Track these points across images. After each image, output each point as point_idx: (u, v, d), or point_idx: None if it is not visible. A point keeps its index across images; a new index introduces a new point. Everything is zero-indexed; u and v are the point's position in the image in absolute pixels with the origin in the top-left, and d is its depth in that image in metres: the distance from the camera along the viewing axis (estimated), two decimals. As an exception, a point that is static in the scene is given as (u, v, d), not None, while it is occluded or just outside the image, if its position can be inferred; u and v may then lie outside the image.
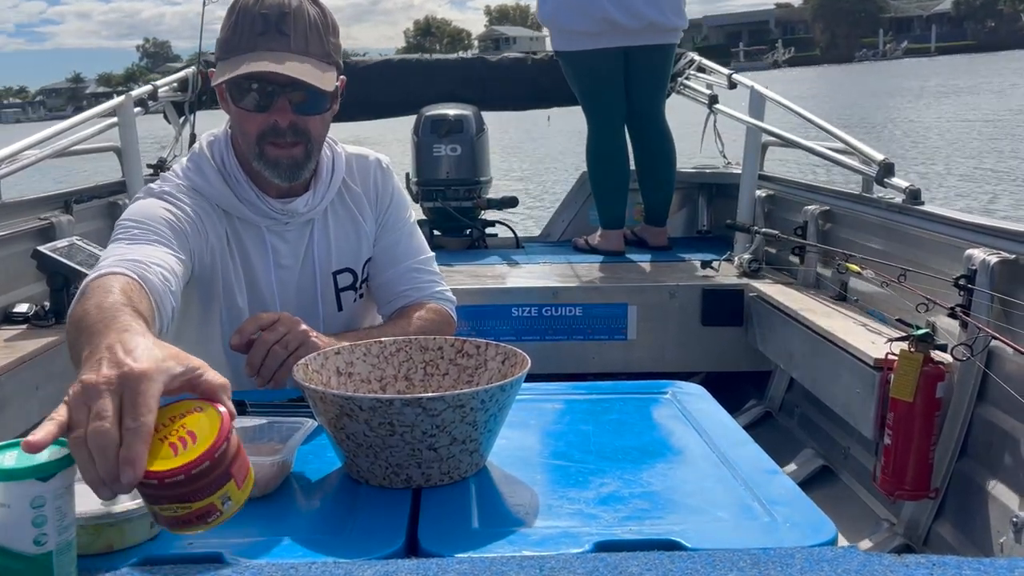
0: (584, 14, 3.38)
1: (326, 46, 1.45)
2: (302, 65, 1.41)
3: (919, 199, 2.45)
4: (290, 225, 1.59)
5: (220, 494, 0.76)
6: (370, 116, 4.34)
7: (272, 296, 1.59)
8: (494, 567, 0.84)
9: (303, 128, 1.46)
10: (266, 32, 1.40)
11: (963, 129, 17.28)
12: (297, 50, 1.41)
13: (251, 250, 1.58)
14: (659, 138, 3.58)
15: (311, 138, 1.47)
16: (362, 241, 1.67)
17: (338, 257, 1.64)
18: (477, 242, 3.87)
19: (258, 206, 1.55)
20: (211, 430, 0.76)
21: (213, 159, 1.56)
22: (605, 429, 1.30)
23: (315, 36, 1.43)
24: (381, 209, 1.68)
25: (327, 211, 1.62)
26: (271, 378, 1.35)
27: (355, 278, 1.67)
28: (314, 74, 1.41)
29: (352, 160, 1.67)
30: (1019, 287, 1.94)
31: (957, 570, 0.82)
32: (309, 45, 1.42)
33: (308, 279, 1.62)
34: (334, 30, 1.49)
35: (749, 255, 3.12)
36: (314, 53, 1.43)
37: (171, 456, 0.75)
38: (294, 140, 1.46)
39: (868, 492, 2.36)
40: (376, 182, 1.68)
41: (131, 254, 1.30)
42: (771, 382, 3.06)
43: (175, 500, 0.74)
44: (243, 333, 1.35)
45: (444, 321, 1.67)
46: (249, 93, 1.44)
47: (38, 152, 2.86)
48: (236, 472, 0.77)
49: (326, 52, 1.45)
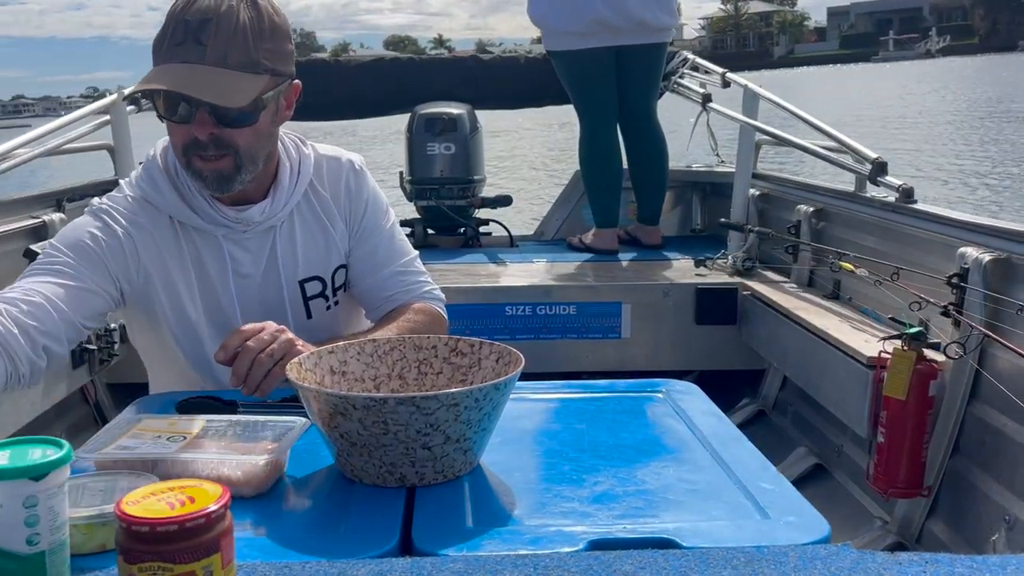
0: (574, 14, 3.38)
1: (253, 54, 1.37)
2: (214, 77, 1.34)
3: (912, 198, 2.45)
4: (249, 233, 1.55)
5: (204, 564, 0.75)
6: (364, 114, 4.33)
7: (231, 306, 1.55)
8: (488, 566, 0.84)
9: (227, 141, 1.40)
10: (183, 42, 1.35)
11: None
12: (213, 61, 1.34)
13: (207, 260, 1.54)
14: (652, 137, 3.58)
15: (238, 151, 1.41)
16: (331, 248, 1.62)
17: (305, 265, 1.60)
18: (471, 241, 3.86)
19: (211, 215, 1.51)
20: (210, 497, 0.77)
21: (166, 167, 1.53)
22: (599, 428, 1.30)
23: (239, 44, 1.35)
24: (355, 217, 1.63)
25: (293, 217, 1.58)
26: (257, 388, 1.34)
27: (324, 286, 1.62)
28: (226, 87, 1.34)
29: (323, 162, 1.62)
30: (1012, 285, 1.95)
31: (950, 568, 0.82)
32: (228, 55, 1.35)
33: (272, 288, 1.58)
34: (273, 34, 1.40)
35: (743, 254, 3.12)
36: (234, 63, 1.35)
37: (167, 511, 0.74)
38: (218, 153, 1.41)
39: (861, 490, 2.37)
40: (349, 186, 1.63)
41: (11, 292, 1.35)
42: (765, 381, 3.07)
43: (159, 558, 0.73)
44: (228, 349, 1.34)
45: (435, 320, 1.65)
46: (169, 105, 1.39)
47: (29, 151, 2.85)
48: (224, 548, 0.77)
49: (252, 61, 1.37)
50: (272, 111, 1.45)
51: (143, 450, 1.09)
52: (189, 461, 1.06)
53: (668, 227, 3.93)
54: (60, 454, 0.79)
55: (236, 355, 1.34)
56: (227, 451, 1.10)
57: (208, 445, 1.12)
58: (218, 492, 0.78)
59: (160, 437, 1.13)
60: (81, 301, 1.41)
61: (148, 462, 1.06)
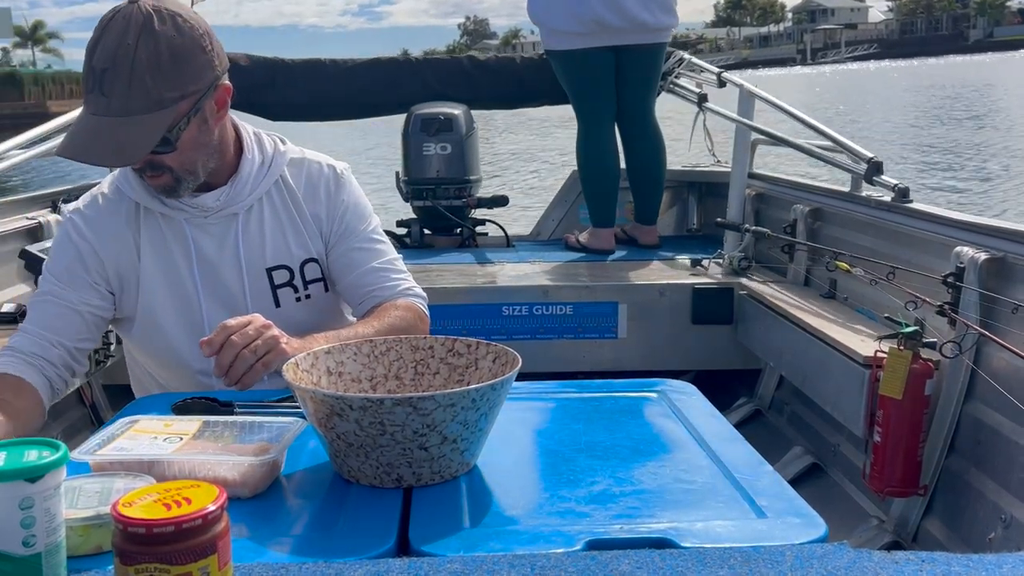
0: (573, 14, 3.38)
1: (154, 93, 1.40)
2: (117, 131, 1.41)
3: (907, 197, 2.46)
4: (212, 218, 1.63)
5: (201, 565, 0.75)
6: (360, 115, 4.33)
7: (195, 288, 1.63)
8: (485, 566, 0.84)
9: (158, 164, 1.50)
10: (92, 91, 1.42)
11: None
12: (116, 111, 1.40)
13: (172, 243, 1.63)
14: (649, 137, 3.58)
15: (172, 169, 1.51)
16: (299, 240, 1.68)
17: (273, 253, 1.66)
18: (467, 241, 3.86)
19: (171, 200, 1.61)
20: (207, 498, 0.77)
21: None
22: (596, 428, 1.30)
23: (137, 89, 1.39)
24: (333, 217, 1.70)
25: (262, 206, 1.66)
26: (238, 381, 1.38)
27: (292, 275, 1.67)
28: (123, 141, 1.41)
29: (303, 163, 1.71)
30: (1007, 285, 1.95)
31: (946, 566, 0.82)
32: (130, 103, 1.40)
33: (234, 273, 1.65)
34: (175, 62, 1.41)
35: (739, 253, 3.12)
36: (137, 108, 1.40)
37: (164, 512, 0.74)
38: (155, 174, 1.52)
39: (858, 489, 2.37)
40: (328, 188, 1.71)
41: (29, 334, 1.55)
42: (761, 380, 3.07)
43: (155, 559, 0.73)
44: (212, 344, 1.38)
45: (417, 317, 1.68)
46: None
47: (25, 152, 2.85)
48: (221, 550, 0.77)
49: (155, 100, 1.41)
50: (197, 125, 1.49)
51: (139, 451, 1.09)
52: (185, 462, 1.06)
53: (665, 227, 3.94)
54: (56, 455, 0.79)
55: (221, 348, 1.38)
56: (224, 452, 1.10)
57: (205, 446, 1.12)
58: (215, 493, 0.78)
59: (156, 438, 1.13)
60: (72, 324, 1.58)
61: (144, 463, 1.06)
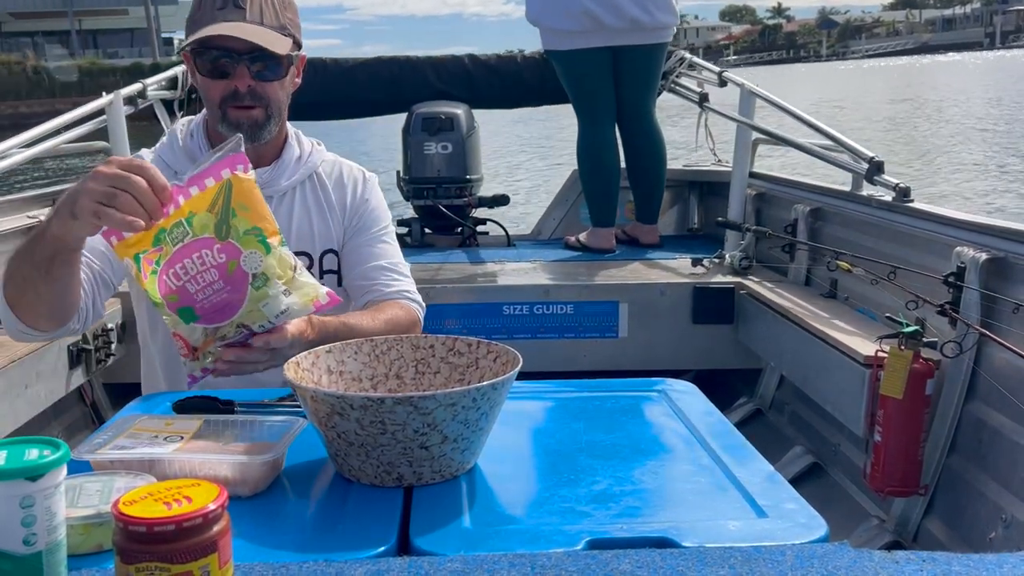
0: (567, 13, 3.38)
1: (281, 19, 1.60)
2: (257, 32, 1.56)
3: (908, 196, 2.46)
4: None
5: (202, 564, 0.75)
6: (361, 114, 4.33)
7: None
8: (486, 565, 0.84)
9: (261, 93, 1.60)
10: (224, 7, 1.56)
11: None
12: (253, 20, 1.57)
13: None
14: (649, 136, 3.58)
15: (270, 102, 1.62)
16: (323, 231, 1.76)
17: (297, 240, 1.72)
18: (468, 240, 3.86)
19: None
20: (207, 497, 0.77)
21: (182, 136, 1.74)
22: (596, 427, 1.30)
23: (270, 10, 1.59)
24: (354, 210, 1.79)
25: (294, 194, 1.75)
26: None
27: (311, 263, 1.74)
28: (267, 38, 1.56)
29: (339, 165, 1.82)
30: (1008, 284, 1.95)
31: (947, 566, 0.82)
32: (264, 17, 1.58)
33: None
34: (290, 6, 1.64)
35: (740, 253, 3.12)
36: (269, 24, 1.58)
37: (165, 511, 0.74)
38: (253, 103, 1.61)
39: (858, 489, 2.37)
40: (356, 188, 1.81)
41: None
42: (761, 380, 3.07)
43: (156, 558, 0.73)
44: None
45: (412, 321, 1.74)
46: (211, 62, 1.60)
47: (26, 152, 2.85)
48: (222, 549, 0.77)
49: (281, 24, 1.60)
50: (292, 74, 1.66)
51: (140, 450, 1.09)
52: (186, 461, 1.06)
53: (665, 226, 3.94)
54: (57, 454, 0.79)
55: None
56: (224, 451, 1.10)
57: (205, 445, 1.12)
58: (215, 492, 0.78)
59: (157, 437, 1.13)
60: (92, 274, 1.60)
61: (145, 462, 1.06)
